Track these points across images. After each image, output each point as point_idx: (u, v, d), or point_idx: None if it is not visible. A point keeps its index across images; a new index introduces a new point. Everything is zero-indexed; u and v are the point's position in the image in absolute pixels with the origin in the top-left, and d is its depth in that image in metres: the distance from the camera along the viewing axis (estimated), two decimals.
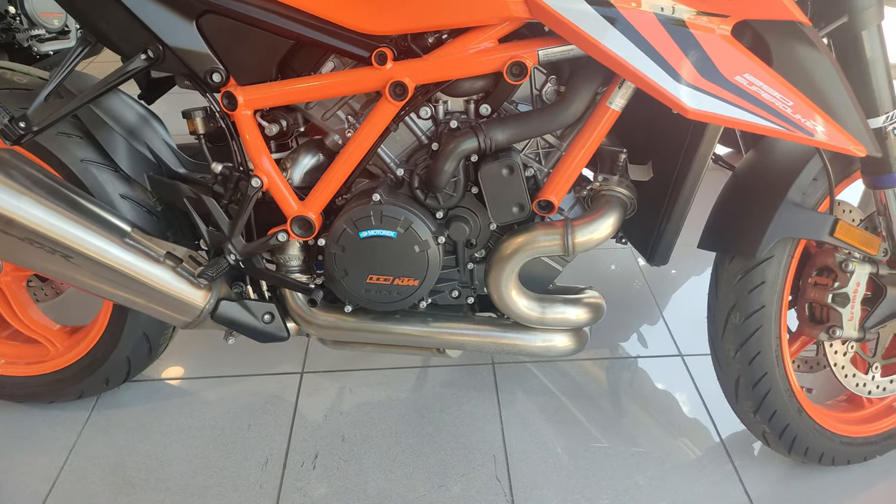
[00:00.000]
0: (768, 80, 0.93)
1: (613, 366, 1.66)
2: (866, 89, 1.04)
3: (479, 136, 1.08)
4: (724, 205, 1.19)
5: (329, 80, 1.10)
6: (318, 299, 1.20)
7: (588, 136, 1.08)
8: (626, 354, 1.69)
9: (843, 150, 0.96)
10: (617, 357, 1.68)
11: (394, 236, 1.14)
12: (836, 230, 1.10)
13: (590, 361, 1.67)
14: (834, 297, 1.16)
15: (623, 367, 1.65)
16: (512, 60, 1.02)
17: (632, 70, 0.93)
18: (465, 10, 0.99)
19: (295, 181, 1.23)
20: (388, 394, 1.58)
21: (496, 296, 1.20)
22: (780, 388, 1.19)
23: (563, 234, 1.12)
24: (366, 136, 1.11)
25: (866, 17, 0.99)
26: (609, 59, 0.93)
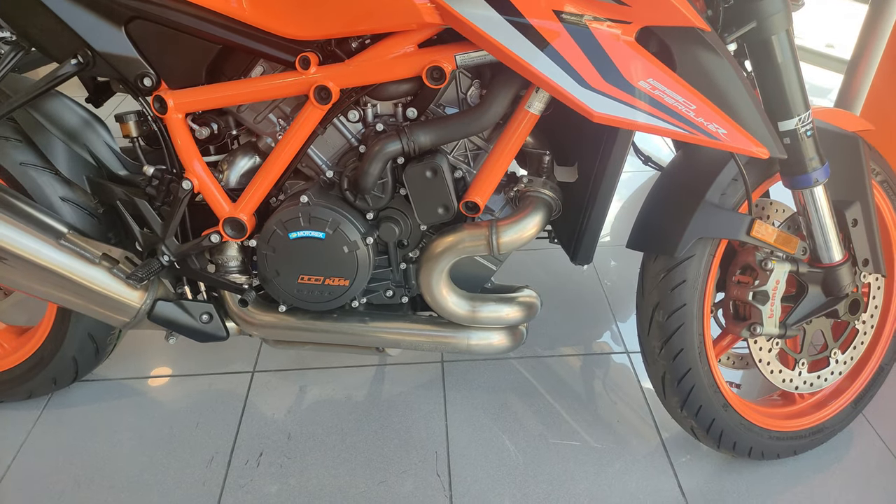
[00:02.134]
0: (671, 85, 0.95)
1: (561, 363, 1.68)
2: (778, 92, 1.07)
3: (402, 139, 1.10)
4: (650, 205, 1.21)
5: (256, 84, 1.12)
6: (249, 300, 1.22)
7: (509, 138, 1.11)
8: (574, 352, 1.72)
9: (746, 151, 0.98)
10: (565, 355, 1.71)
11: (323, 237, 1.16)
12: (753, 230, 1.12)
13: (538, 359, 1.69)
14: (755, 294, 1.19)
15: (570, 365, 1.67)
16: (431, 65, 1.04)
17: (539, 75, 0.95)
18: (381, 17, 1.01)
19: (231, 183, 1.25)
20: (338, 392, 1.60)
21: (428, 295, 1.23)
22: (704, 383, 1.22)
23: (489, 234, 1.15)
24: (293, 139, 1.14)
25: (774, 23, 1.02)
26: (517, 64, 0.96)
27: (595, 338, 1.77)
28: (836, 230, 1.17)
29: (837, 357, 1.33)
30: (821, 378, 1.33)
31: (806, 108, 1.08)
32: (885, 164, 1.31)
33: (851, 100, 1.53)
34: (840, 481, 1.36)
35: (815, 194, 1.14)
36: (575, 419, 1.51)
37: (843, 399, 1.38)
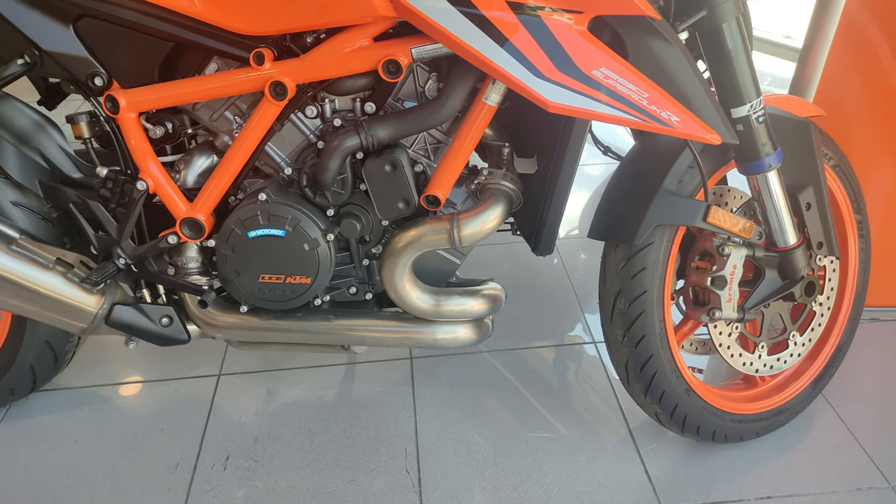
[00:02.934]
0: (624, 74, 0.96)
1: (529, 355, 1.69)
2: (730, 79, 1.09)
3: (360, 134, 1.10)
4: (609, 195, 1.22)
5: (210, 81, 1.11)
6: (208, 301, 1.20)
7: (467, 131, 1.11)
8: (542, 344, 1.72)
9: (698, 138, 1.00)
10: (533, 346, 1.72)
11: (282, 235, 1.15)
12: (709, 216, 1.14)
13: (507, 352, 1.70)
14: (713, 279, 1.21)
15: (538, 356, 1.68)
16: (386, 58, 1.04)
17: (494, 66, 0.95)
18: (335, 11, 1.00)
19: (189, 183, 1.23)
20: (306, 393, 1.59)
21: (391, 290, 1.22)
22: (666, 369, 1.24)
23: (450, 227, 1.15)
24: (250, 137, 1.12)
25: (724, 11, 1.04)
26: (472, 56, 0.96)
27: (563, 329, 1.78)
28: (790, 214, 1.20)
29: (796, 339, 1.36)
30: (780, 360, 1.35)
31: (757, 94, 1.10)
32: (837, 149, 1.34)
33: (804, 87, 1.56)
34: (801, 461, 1.39)
35: (768, 179, 1.16)
36: (544, 410, 1.52)
37: (803, 380, 1.41)
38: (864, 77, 1.56)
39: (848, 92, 1.60)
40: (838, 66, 1.58)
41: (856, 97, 1.60)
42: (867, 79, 1.56)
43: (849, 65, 1.58)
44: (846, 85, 1.60)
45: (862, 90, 1.58)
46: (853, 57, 1.57)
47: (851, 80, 1.58)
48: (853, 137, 1.63)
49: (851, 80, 1.58)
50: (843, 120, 1.62)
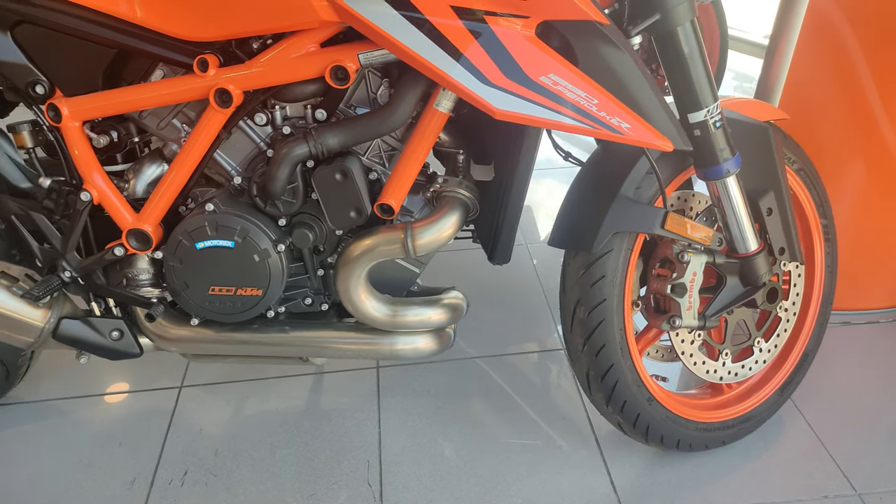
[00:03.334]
0: (573, 80, 0.94)
1: (497, 363, 1.67)
2: (686, 84, 1.07)
3: (309, 142, 1.07)
4: (568, 202, 1.20)
5: (153, 89, 1.08)
6: (156, 315, 1.17)
7: (419, 138, 1.08)
8: (511, 352, 1.70)
9: (650, 144, 0.98)
10: (502, 354, 1.69)
11: (231, 246, 1.12)
12: (667, 223, 1.12)
13: (474, 360, 1.68)
14: (673, 287, 1.19)
15: (507, 365, 1.66)
16: (334, 64, 1.01)
17: (439, 73, 0.93)
18: (277, 16, 0.97)
19: (139, 193, 1.20)
20: (269, 404, 1.56)
21: (346, 300, 1.20)
22: (627, 378, 1.22)
23: (404, 236, 1.12)
24: (197, 146, 1.09)
25: (678, 14, 1.01)
26: (417, 62, 0.93)
27: (534, 337, 1.76)
28: (750, 220, 1.18)
29: (761, 346, 1.35)
30: (745, 367, 1.34)
31: (714, 99, 1.08)
32: (801, 153, 1.33)
33: (770, 89, 1.54)
34: (768, 469, 1.37)
35: (727, 185, 1.14)
36: (511, 420, 1.50)
37: (770, 387, 1.39)
38: (830, 76, 1.55)
39: (815, 93, 1.59)
40: (804, 67, 1.57)
41: (823, 98, 1.58)
42: (834, 78, 1.55)
43: (815, 65, 1.57)
44: (813, 86, 1.58)
45: (829, 90, 1.56)
46: (819, 57, 1.56)
47: (818, 81, 1.57)
48: (822, 139, 1.62)
49: (818, 80, 1.57)
50: (811, 121, 1.60)
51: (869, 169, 1.60)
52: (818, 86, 1.57)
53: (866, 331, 1.74)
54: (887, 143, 1.56)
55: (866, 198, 1.64)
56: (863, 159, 1.60)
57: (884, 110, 1.53)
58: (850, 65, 1.51)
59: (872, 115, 1.53)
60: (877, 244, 1.70)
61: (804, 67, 1.59)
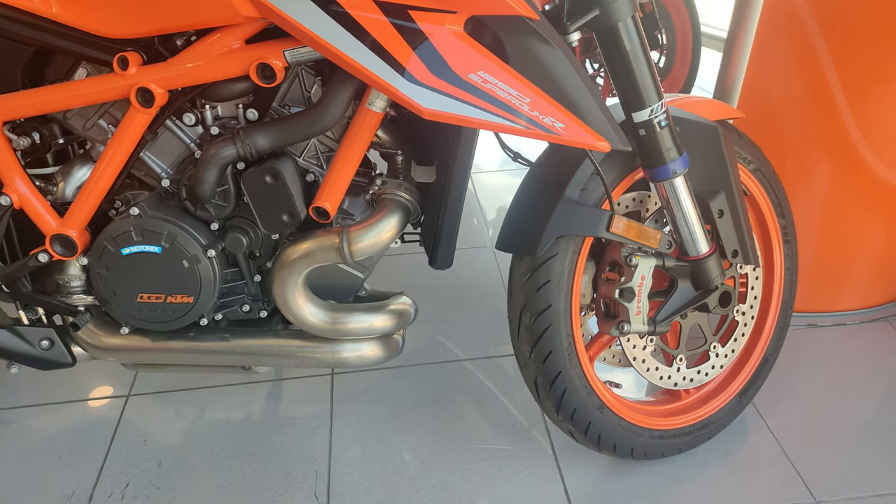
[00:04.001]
0: (504, 77, 0.90)
1: (454, 368, 1.62)
2: (630, 82, 1.03)
3: (237, 143, 1.03)
4: (515, 204, 1.16)
5: (73, 88, 1.03)
6: (80, 324, 1.12)
7: (352, 139, 1.04)
8: (468, 356, 1.66)
9: (586, 145, 0.94)
10: (459, 359, 1.65)
11: (158, 252, 1.08)
12: (612, 226, 1.08)
13: (430, 366, 1.63)
14: (621, 291, 1.15)
15: (464, 370, 1.62)
16: (259, 62, 0.97)
17: (363, 70, 0.89)
18: (194, 11, 0.93)
19: (68, 196, 1.15)
20: (218, 413, 1.51)
21: (283, 307, 1.15)
22: (577, 386, 1.18)
23: (339, 241, 1.08)
24: (121, 147, 1.05)
25: (618, 10, 0.97)
26: (339, 58, 0.89)
27: (493, 340, 1.72)
28: (700, 222, 1.14)
29: (717, 350, 1.31)
30: (701, 373, 1.30)
31: (659, 97, 1.04)
32: (758, 152, 1.29)
33: (729, 86, 1.51)
34: (727, 476, 1.34)
35: (675, 186, 1.10)
36: (467, 427, 1.46)
37: (728, 393, 1.36)
38: (793, 72, 1.51)
39: (777, 89, 1.55)
40: (765, 63, 1.54)
41: (786, 95, 1.55)
42: (797, 73, 1.51)
43: (776, 60, 1.54)
44: (775, 82, 1.55)
45: (792, 86, 1.53)
46: (781, 52, 1.52)
47: (780, 77, 1.54)
48: (786, 137, 1.58)
49: (780, 76, 1.54)
50: (773, 119, 1.57)
51: (834, 167, 1.57)
52: (780, 82, 1.54)
53: (833, 333, 1.71)
54: (853, 141, 1.53)
55: (832, 197, 1.61)
56: (828, 157, 1.57)
57: (849, 107, 1.49)
58: (813, 59, 1.47)
59: (838, 112, 1.50)
60: (844, 244, 1.67)
61: (765, 63, 1.55)
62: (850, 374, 1.59)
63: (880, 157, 1.54)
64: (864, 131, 1.51)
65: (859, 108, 1.49)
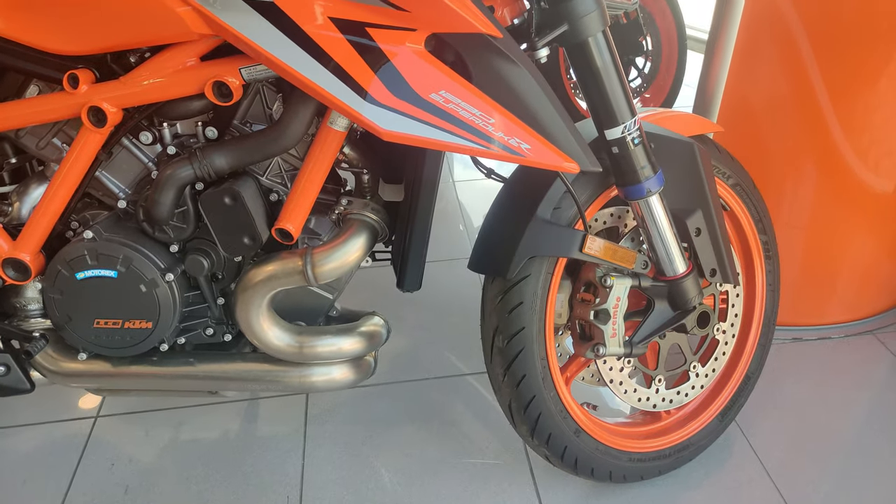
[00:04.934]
0: (467, 97, 0.86)
1: (431, 386, 1.59)
2: (601, 99, 0.99)
3: (193, 164, 0.99)
4: (487, 223, 1.12)
5: (23, 107, 0.99)
6: (34, 351, 1.08)
7: (315, 159, 1.00)
8: (445, 374, 1.62)
9: (553, 166, 0.90)
10: (437, 377, 1.61)
11: (115, 276, 1.04)
12: (584, 246, 1.05)
13: (406, 384, 1.60)
14: (596, 313, 1.12)
15: (441, 387, 1.58)
16: (215, 80, 0.93)
17: (318, 90, 0.85)
18: (145, 29, 0.89)
19: (23, 216, 1.11)
20: (188, 434, 1.47)
21: (247, 331, 1.11)
22: (552, 410, 1.14)
23: (302, 264, 1.04)
24: (73, 167, 1.01)
25: (587, 24, 0.94)
26: (295, 79, 0.85)
27: (471, 357, 1.68)
28: (677, 241, 1.11)
29: (698, 370, 1.28)
30: (681, 394, 1.27)
31: (632, 114, 1.01)
32: (737, 166, 1.26)
33: (709, 99, 1.48)
34: (708, 498, 1.30)
35: (650, 204, 1.07)
36: (443, 449, 1.42)
37: (709, 413, 1.32)
38: (777, 83, 1.48)
39: (759, 102, 1.52)
40: (747, 74, 1.51)
41: (768, 107, 1.52)
42: (781, 85, 1.48)
43: (758, 71, 1.51)
44: (756, 94, 1.52)
45: (774, 98, 1.50)
46: (763, 63, 1.49)
47: (762, 89, 1.51)
48: (769, 150, 1.56)
49: (762, 88, 1.51)
50: (755, 132, 1.54)
51: (819, 174, 1.53)
52: (762, 88, 1.51)
53: (818, 347, 1.68)
54: (839, 153, 1.50)
55: (817, 210, 1.58)
56: (813, 170, 1.54)
57: (833, 109, 1.45)
58: (796, 63, 1.43)
59: (821, 115, 1.46)
60: (829, 256, 1.64)
61: (746, 71, 1.52)
62: (835, 389, 1.56)
63: (865, 162, 1.50)
64: (849, 134, 1.47)
65: (843, 110, 1.45)
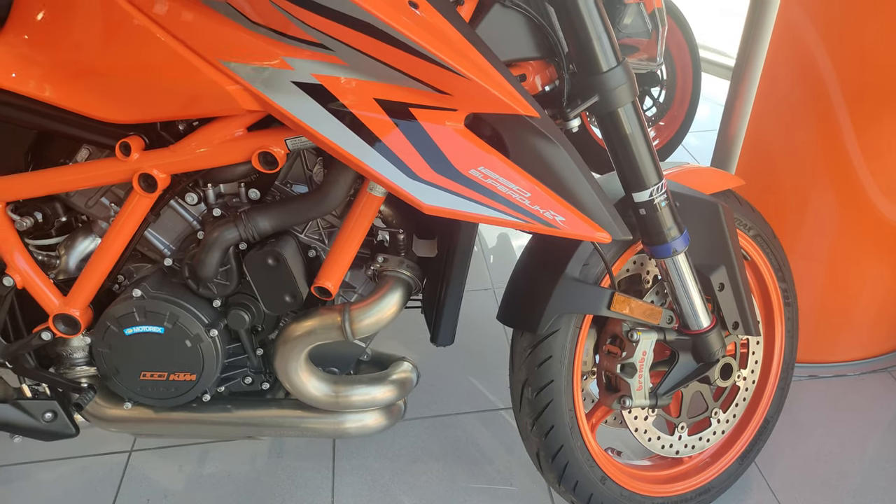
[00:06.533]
0: (504, 172, 0.90)
1: (459, 422, 1.62)
2: (629, 164, 1.03)
3: (239, 226, 1.03)
4: (515, 278, 1.16)
5: (76, 172, 1.03)
6: (84, 403, 1.13)
7: (354, 221, 1.04)
8: (471, 409, 1.66)
9: (587, 237, 0.94)
10: (464, 412, 1.65)
11: (161, 332, 1.08)
12: (613, 304, 1.09)
13: (436, 419, 1.63)
14: (622, 367, 1.15)
15: (468, 424, 1.62)
16: (261, 150, 0.97)
17: (365, 167, 0.89)
18: (198, 103, 0.93)
19: (71, 268, 1.15)
20: (220, 469, 1.52)
21: (286, 382, 1.15)
22: (578, 459, 1.18)
23: (341, 320, 1.08)
24: (123, 229, 1.05)
25: (618, 96, 0.98)
26: (341, 156, 0.90)
27: (493, 392, 1.72)
28: (701, 296, 1.14)
29: (719, 417, 1.31)
30: (703, 440, 1.30)
31: (659, 178, 1.04)
32: (758, 217, 1.29)
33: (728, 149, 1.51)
34: None
35: (676, 263, 1.11)
36: (468, 483, 1.46)
37: (729, 456, 1.36)
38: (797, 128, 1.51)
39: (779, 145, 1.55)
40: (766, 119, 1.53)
41: (789, 151, 1.55)
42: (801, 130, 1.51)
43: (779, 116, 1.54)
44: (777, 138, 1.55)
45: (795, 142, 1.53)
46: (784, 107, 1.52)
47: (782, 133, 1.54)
48: (785, 192, 1.59)
49: (782, 132, 1.54)
50: (773, 176, 1.57)
51: (840, 218, 1.56)
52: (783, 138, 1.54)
53: (833, 385, 1.71)
54: (860, 193, 1.52)
55: (836, 248, 1.61)
56: (834, 209, 1.56)
57: (864, 162, 1.47)
58: (822, 115, 1.46)
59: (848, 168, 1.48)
60: (846, 295, 1.67)
61: (766, 119, 1.56)
62: (851, 428, 1.59)
63: (889, 197, 1.51)
64: (869, 162, 1.48)
65: (867, 145, 1.47)
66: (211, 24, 0.87)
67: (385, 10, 0.79)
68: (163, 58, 0.90)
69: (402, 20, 0.80)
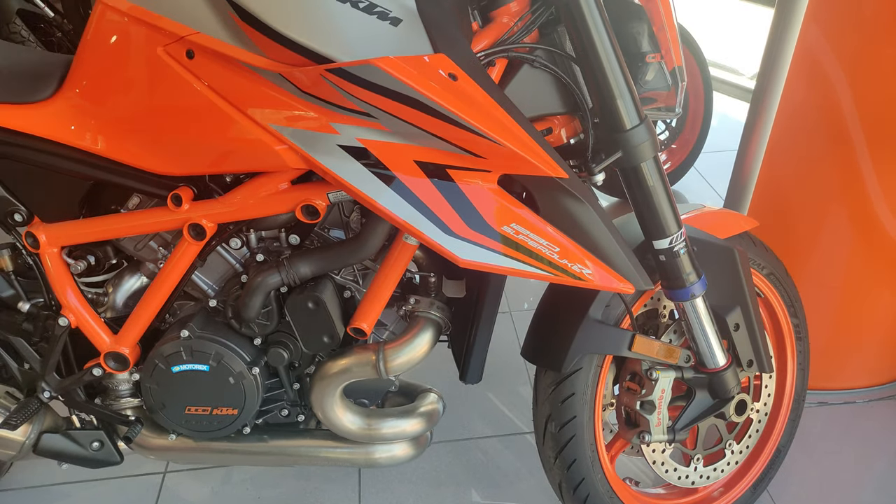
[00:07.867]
0: (535, 228, 0.96)
1: (483, 446, 1.68)
2: (650, 215, 1.09)
3: (281, 272, 1.09)
4: (539, 317, 1.22)
5: (129, 220, 1.10)
6: (133, 436, 1.19)
7: (390, 267, 1.10)
8: (494, 433, 1.72)
9: (612, 288, 1.00)
10: (486, 436, 1.71)
11: (207, 370, 1.14)
12: (634, 345, 1.14)
13: (458, 443, 1.69)
14: (642, 403, 1.21)
15: (492, 447, 1.67)
16: (304, 203, 1.03)
17: (404, 224, 0.95)
18: (246, 160, 1.00)
19: (118, 305, 1.22)
20: (252, 492, 1.58)
21: (321, 415, 1.22)
22: (599, 491, 1.23)
23: (375, 359, 1.14)
24: (171, 274, 1.12)
25: (641, 152, 1.03)
26: (383, 213, 0.96)
27: (514, 415, 1.77)
28: (717, 336, 1.20)
29: (733, 448, 1.36)
30: (717, 470, 1.35)
31: (678, 227, 1.10)
32: (771, 256, 1.34)
33: (741, 189, 1.56)
34: None
35: (694, 305, 1.16)
36: None
37: (742, 485, 1.41)
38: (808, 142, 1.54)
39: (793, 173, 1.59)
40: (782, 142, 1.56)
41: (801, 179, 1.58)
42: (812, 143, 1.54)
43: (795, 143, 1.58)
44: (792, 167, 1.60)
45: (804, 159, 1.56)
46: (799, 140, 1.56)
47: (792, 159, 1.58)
48: (797, 221, 1.63)
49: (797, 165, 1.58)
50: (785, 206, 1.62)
51: (853, 247, 1.60)
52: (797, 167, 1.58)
53: (843, 412, 1.76)
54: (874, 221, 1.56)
55: (846, 276, 1.66)
56: (847, 237, 1.60)
57: (880, 189, 1.51)
58: (838, 133, 1.49)
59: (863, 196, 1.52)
60: (856, 322, 1.71)
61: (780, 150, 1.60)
62: (860, 454, 1.64)
63: None
64: (886, 192, 1.51)
65: (883, 170, 1.50)
66: (263, 91, 0.94)
67: (426, 85, 0.85)
68: (217, 120, 0.96)
69: (441, 93, 0.86)
